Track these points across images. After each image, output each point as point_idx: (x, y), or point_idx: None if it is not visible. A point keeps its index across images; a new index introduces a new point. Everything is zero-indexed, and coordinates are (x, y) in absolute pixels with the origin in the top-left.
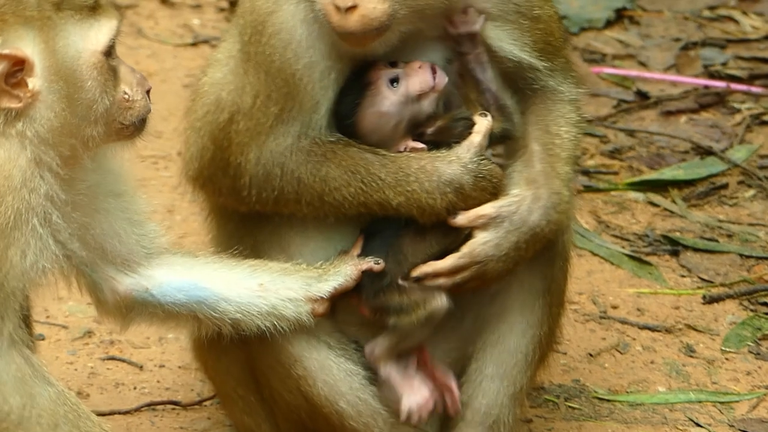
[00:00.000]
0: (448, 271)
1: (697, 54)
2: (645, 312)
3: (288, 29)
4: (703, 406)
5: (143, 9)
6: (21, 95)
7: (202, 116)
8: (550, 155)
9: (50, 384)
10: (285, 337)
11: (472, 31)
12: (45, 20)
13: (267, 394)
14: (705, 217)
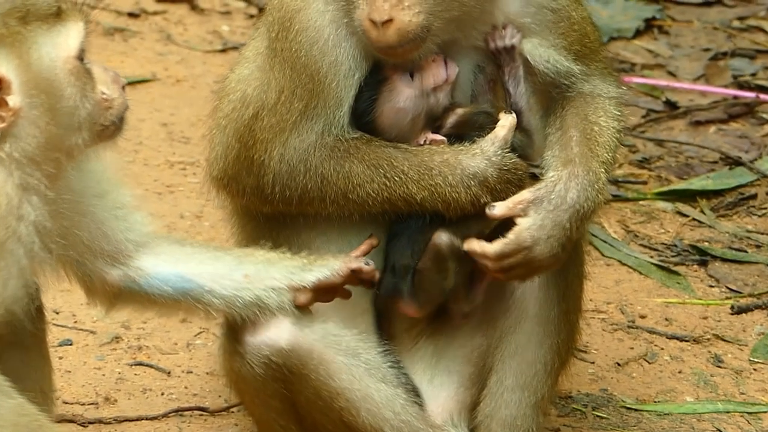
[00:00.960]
0: (494, 255)
1: (727, 64)
2: (673, 322)
3: (315, 27)
4: (730, 416)
5: (172, 15)
6: (3, 115)
7: (227, 113)
8: (587, 139)
9: (10, 397)
10: (325, 371)
11: (510, 46)
12: (14, 36)
13: (309, 424)
14: (733, 227)
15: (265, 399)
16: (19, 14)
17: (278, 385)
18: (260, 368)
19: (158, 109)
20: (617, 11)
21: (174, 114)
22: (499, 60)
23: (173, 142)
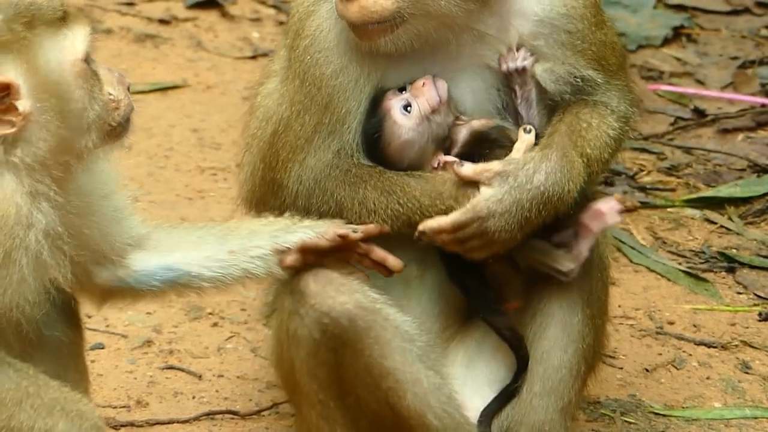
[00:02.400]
0: (450, 226)
1: (755, 72)
2: (701, 328)
3: (323, 32)
4: (758, 422)
5: (203, 22)
6: (13, 120)
7: (253, 132)
8: (572, 131)
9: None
10: (379, 349)
11: (522, 68)
12: (21, 41)
13: (351, 402)
14: (761, 234)
15: (313, 367)
16: (24, 19)
17: (329, 355)
18: (317, 333)
19: (189, 115)
20: (646, 19)
21: (204, 120)
22: (512, 82)
23: (204, 147)
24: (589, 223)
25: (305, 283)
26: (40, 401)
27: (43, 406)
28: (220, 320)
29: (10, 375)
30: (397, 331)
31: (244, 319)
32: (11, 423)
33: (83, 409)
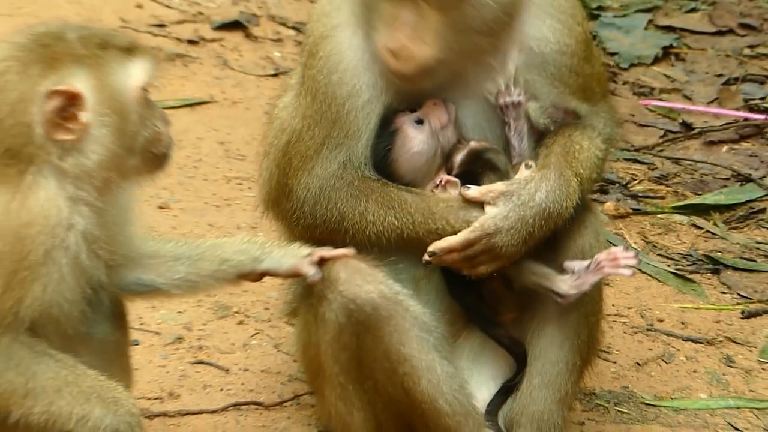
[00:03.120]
0: (460, 245)
1: (738, 89)
2: (688, 325)
3: (338, 55)
4: (741, 411)
5: (228, 42)
6: (73, 128)
7: (271, 141)
8: (566, 153)
9: (48, 356)
10: (398, 336)
11: (517, 102)
12: (94, 59)
13: (369, 386)
14: (744, 238)
15: (336, 351)
16: (99, 41)
17: (352, 339)
18: (343, 317)
19: (216, 129)
20: (637, 40)
21: (230, 133)
22: (506, 115)
23: (230, 159)
24: (604, 264)
25: (336, 271)
26: (78, 389)
27: (81, 394)
28: (246, 318)
29: (50, 365)
30: (416, 321)
31: (267, 318)
32: (51, 408)
33: (118, 396)
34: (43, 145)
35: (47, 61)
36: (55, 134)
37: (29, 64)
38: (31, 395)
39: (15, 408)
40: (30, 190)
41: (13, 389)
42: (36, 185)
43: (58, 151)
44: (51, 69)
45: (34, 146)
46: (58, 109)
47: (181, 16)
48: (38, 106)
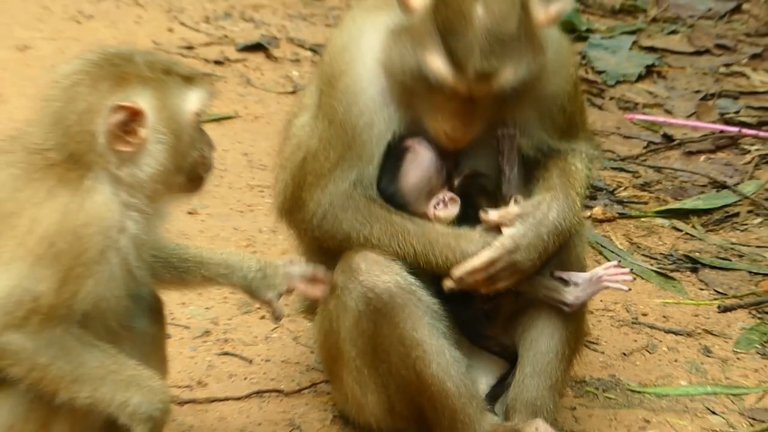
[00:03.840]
0: (484, 264)
1: (715, 103)
2: (670, 319)
3: (356, 89)
4: (718, 397)
5: (251, 63)
6: (131, 141)
7: (288, 156)
8: (566, 174)
9: (94, 346)
10: (411, 323)
11: (512, 134)
12: (158, 82)
13: (384, 369)
14: (720, 240)
15: (355, 335)
16: (164, 67)
17: (370, 325)
18: (362, 305)
19: (240, 141)
20: (623, 59)
21: (253, 145)
22: (501, 145)
23: (253, 168)
24: (605, 278)
25: (357, 262)
26: (120, 377)
27: (122, 382)
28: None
29: (96, 354)
30: (428, 310)
31: (287, 313)
32: (95, 394)
33: (154, 385)
34: (103, 153)
35: (116, 78)
36: (115, 145)
37: (100, 79)
38: (79, 381)
39: (63, 392)
40: (88, 194)
41: (63, 375)
42: (93, 190)
43: (115, 160)
44: (119, 86)
45: (95, 154)
46: (121, 122)
47: (208, 39)
48: (103, 118)
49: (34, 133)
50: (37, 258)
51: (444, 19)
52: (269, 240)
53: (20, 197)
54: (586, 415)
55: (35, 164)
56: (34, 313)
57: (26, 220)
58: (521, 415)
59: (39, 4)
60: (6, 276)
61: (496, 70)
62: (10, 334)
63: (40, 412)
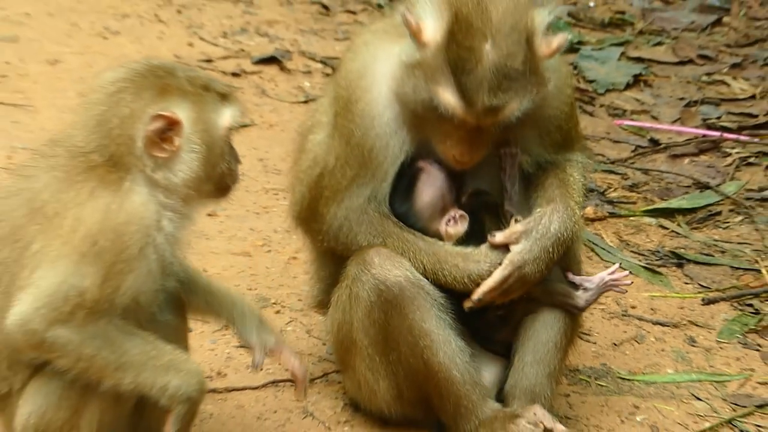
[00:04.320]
0: (497, 283)
1: (698, 110)
2: (657, 311)
3: (373, 114)
4: (702, 384)
5: (266, 75)
6: (167, 148)
7: (304, 169)
8: (565, 185)
9: (135, 335)
10: (420, 314)
11: (514, 152)
12: (196, 95)
13: (394, 357)
14: (703, 237)
15: (367, 325)
16: (203, 83)
17: (381, 315)
18: (374, 296)
19: (256, 148)
20: (612, 69)
21: (268, 151)
22: (504, 162)
23: (268, 173)
24: (609, 282)
25: (370, 257)
26: (160, 362)
27: (162, 367)
28: (282, 308)
29: (137, 342)
30: (435, 303)
31: (300, 308)
32: (138, 379)
33: (191, 368)
34: (141, 157)
35: (158, 89)
36: (152, 150)
37: (143, 88)
38: (122, 369)
39: (108, 380)
40: (127, 195)
41: (107, 364)
42: (132, 191)
43: (151, 164)
44: (160, 96)
45: (133, 157)
46: (159, 130)
47: (225, 53)
48: (143, 124)
49: (77, 136)
50: (81, 255)
51: (455, 57)
52: (283, 239)
53: (63, 198)
54: (580, 402)
55: (78, 167)
56: (80, 307)
57: (70, 220)
58: (520, 401)
59: (68, 21)
60: (53, 273)
61: (503, 104)
62: (58, 328)
63: (71, 400)
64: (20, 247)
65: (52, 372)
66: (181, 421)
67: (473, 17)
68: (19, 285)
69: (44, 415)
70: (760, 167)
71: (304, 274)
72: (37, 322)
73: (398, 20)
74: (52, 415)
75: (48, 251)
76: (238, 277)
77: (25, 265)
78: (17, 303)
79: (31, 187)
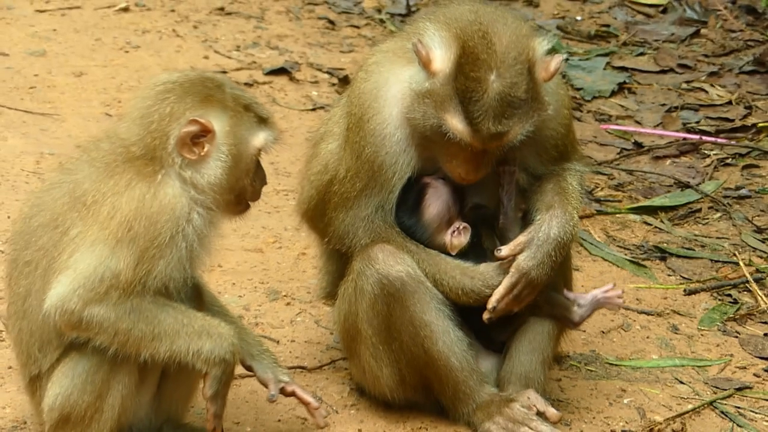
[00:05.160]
0: (507, 289)
1: (678, 115)
2: (642, 301)
3: (384, 134)
4: (685, 369)
5: (276, 84)
6: (197, 151)
7: (314, 173)
8: (562, 191)
9: (167, 305)
10: (420, 307)
11: (512, 170)
12: (236, 112)
13: (396, 346)
14: (685, 232)
15: (371, 316)
16: (245, 103)
17: (384, 307)
18: (377, 289)
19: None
20: (598, 78)
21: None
22: (502, 179)
23: (278, 175)
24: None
25: (374, 253)
26: (192, 329)
27: (194, 332)
28: (292, 300)
29: (170, 312)
30: (434, 297)
31: (309, 300)
32: (173, 347)
33: (223, 331)
34: (171, 153)
35: (202, 97)
36: (182, 150)
37: (189, 93)
38: (158, 338)
39: (145, 350)
40: (161, 187)
41: (144, 335)
42: (165, 183)
43: (180, 162)
44: (202, 104)
45: (165, 152)
46: (192, 133)
47: (238, 65)
48: (179, 125)
49: (122, 128)
50: (117, 240)
51: (463, 87)
52: (293, 237)
53: (102, 188)
54: (571, 386)
55: (117, 159)
56: (114, 288)
57: (108, 208)
58: (515, 387)
59: (92, 37)
60: (90, 256)
61: (507, 129)
62: (94, 307)
63: (96, 384)
64: (60, 232)
65: (79, 356)
66: (218, 383)
67: (479, 50)
68: (57, 268)
69: (70, 398)
70: (736, 167)
71: (313, 269)
72: (74, 302)
73: (406, 44)
74: (77, 398)
75: (86, 236)
76: (251, 272)
77: (63, 249)
78: (55, 285)
79: (74, 178)
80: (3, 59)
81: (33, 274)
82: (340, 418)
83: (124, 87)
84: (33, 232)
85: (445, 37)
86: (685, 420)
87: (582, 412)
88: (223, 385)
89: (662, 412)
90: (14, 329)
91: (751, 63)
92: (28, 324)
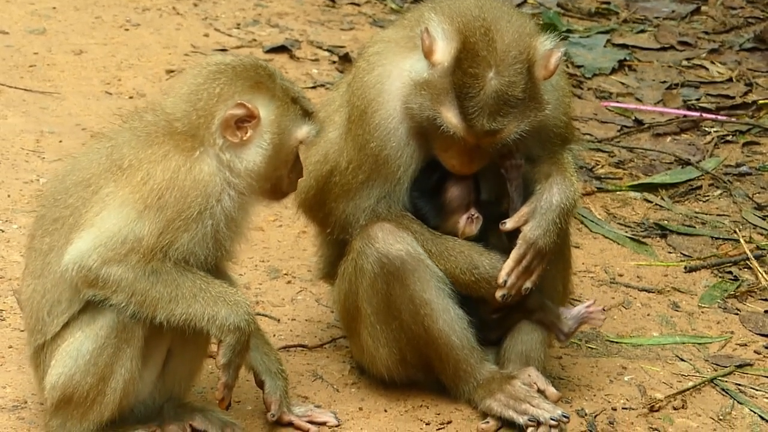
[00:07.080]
0: (516, 261)
1: (678, 92)
2: (643, 278)
3: (388, 128)
4: (685, 346)
5: (277, 62)
6: (240, 135)
7: (314, 162)
8: (559, 162)
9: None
10: (421, 285)
11: (519, 164)
12: (282, 102)
13: (396, 325)
14: (685, 209)
15: (371, 295)
16: (294, 95)
17: (384, 286)
18: (377, 268)
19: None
20: (598, 55)
21: None
22: (509, 173)
23: None
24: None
25: (374, 231)
26: (209, 294)
27: (211, 298)
28: (293, 279)
29: (189, 276)
30: (434, 275)
31: (310, 278)
32: (189, 311)
33: (239, 299)
34: (214, 134)
35: (253, 83)
36: (225, 132)
37: (240, 78)
38: (174, 301)
39: (161, 312)
40: (196, 162)
41: (161, 297)
42: (202, 160)
43: (221, 143)
44: (251, 89)
45: (208, 132)
46: (238, 117)
47: (239, 43)
48: (226, 106)
49: (168, 101)
50: (146, 206)
51: (460, 82)
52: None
53: (140, 155)
54: (571, 363)
55: (159, 130)
56: (134, 252)
57: (143, 173)
58: (515, 365)
59: (92, 15)
60: (117, 217)
61: (501, 127)
62: (112, 266)
63: (99, 366)
64: (91, 191)
65: (84, 337)
66: (231, 352)
67: (480, 46)
68: (82, 224)
69: (72, 378)
70: (737, 144)
71: (313, 247)
72: (93, 259)
73: (408, 32)
74: (80, 379)
75: (116, 196)
76: (252, 250)
77: (91, 206)
78: (77, 240)
79: (114, 143)
80: (3, 37)
81: (59, 231)
82: (341, 396)
83: (124, 65)
84: (65, 190)
85: (447, 30)
86: (685, 397)
87: (582, 389)
88: (236, 355)
89: (663, 390)
90: (27, 291)
91: (751, 40)
92: (43, 283)
